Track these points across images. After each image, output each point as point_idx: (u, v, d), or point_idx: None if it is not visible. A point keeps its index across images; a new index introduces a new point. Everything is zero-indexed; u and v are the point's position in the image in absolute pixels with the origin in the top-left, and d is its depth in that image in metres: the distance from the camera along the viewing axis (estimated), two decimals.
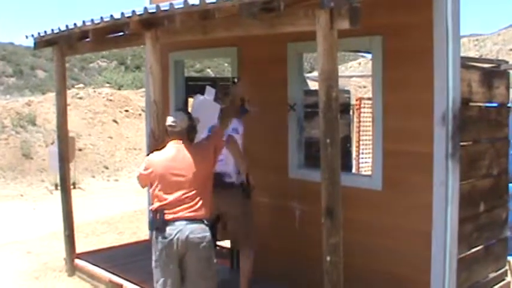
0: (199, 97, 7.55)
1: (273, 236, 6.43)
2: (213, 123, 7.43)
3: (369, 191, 5.63)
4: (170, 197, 4.80)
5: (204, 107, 7.38)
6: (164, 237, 4.73)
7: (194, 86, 8.36)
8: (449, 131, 5.05)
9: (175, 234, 4.71)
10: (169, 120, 5.09)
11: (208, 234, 4.83)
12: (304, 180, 6.02)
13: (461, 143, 5.29)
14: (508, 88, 6.46)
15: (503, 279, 6.46)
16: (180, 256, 4.77)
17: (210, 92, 7.47)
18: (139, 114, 19.58)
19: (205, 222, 4.85)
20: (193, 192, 4.81)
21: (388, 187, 5.51)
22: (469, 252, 5.69)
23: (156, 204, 4.85)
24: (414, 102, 5.30)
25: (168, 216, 4.76)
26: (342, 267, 3.98)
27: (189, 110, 7.96)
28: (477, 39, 35.42)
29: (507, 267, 6.58)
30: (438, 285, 5.21)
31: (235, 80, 6.37)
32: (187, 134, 5.07)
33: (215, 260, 5.07)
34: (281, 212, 6.45)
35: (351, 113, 9.97)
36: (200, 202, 4.82)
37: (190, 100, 7.95)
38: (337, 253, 3.93)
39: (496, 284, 6.29)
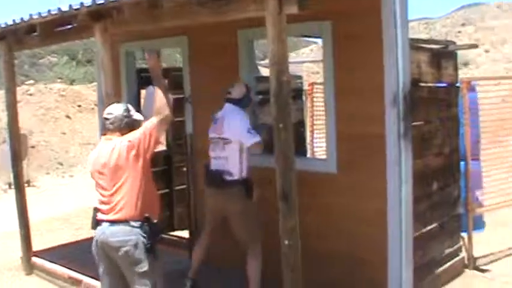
0: (151, 88, 7.52)
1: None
2: None
3: (324, 175, 5.69)
4: (99, 197, 4.57)
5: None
6: (95, 237, 4.55)
7: (146, 78, 8.27)
8: (400, 112, 5.13)
9: (100, 236, 4.47)
10: (104, 112, 4.73)
11: (133, 237, 4.36)
12: (259, 166, 6.05)
13: (413, 123, 5.39)
14: (456, 68, 6.60)
15: (458, 255, 6.64)
16: (111, 257, 4.49)
17: None
18: (92, 109, 19.34)
19: (133, 223, 4.39)
20: (117, 192, 4.43)
21: (343, 170, 5.58)
22: (424, 230, 5.83)
23: (95, 203, 4.66)
24: (365, 85, 5.37)
25: (98, 216, 4.54)
26: (299, 250, 4.02)
27: (142, 101, 8.00)
28: (427, 23, 36.02)
29: (461, 243, 6.74)
30: (395, 263, 5.31)
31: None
32: (120, 130, 4.60)
33: (147, 265, 4.42)
34: None
35: (304, 98, 10.01)
36: (123, 203, 4.40)
37: (143, 92, 7.91)
38: (294, 236, 3.96)
39: (452, 259, 6.47)
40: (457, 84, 6.70)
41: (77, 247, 8.01)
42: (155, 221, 4.55)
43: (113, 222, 4.41)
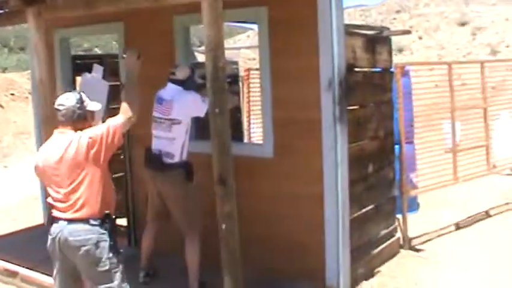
0: (87, 75, 7.42)
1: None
2: (101, 101, 7.34)
3: (261, 159, 5.73)
4: (53, 194, 4.29)
5: (92, 85, 7.25)
6: (50, 235, 4.27)
7: (82, 64, 8.17)
8: (335, 97, 5.22)
9: (57, 234, 4.20)
10: (56, 102, 4.42)
11: (93, 236, 4.17)
12: (196, 152, 6.04)
13: (348, 108, 5.49)
14: (390, 54, 6.73)
15: (394, 236, 6.80)
16: (67, 256, 4.27)
17: (98, 70, 7.35)
18: (26, 97, 18.92)
19: (92, 221, 4.18)
20: (74, 190, 4.19)
21: (279, 154, 5.62)
22: (360, 212, 5.95)
23: (49, 199, 4.41)
24: (301, 70, 5.42)
25: (53, 213, 4.27)
26: (237, 233, 4.06)
27: (77, 88, 7.88)
28: (363, 10, 36.52)
29: (396, 224, 6.90)
30: (332, 245, 5.41)
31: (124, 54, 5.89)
32: (73, 122, 4.31)
33: (108, 264, 4.23)
34: None
35: (240, 84, 10.03)
36: (82, 201, 4.18)
37: (79, 79, 7.79)
38: (232, 220, 3.99)
39: (388, 240, 6.63)
40: (392, 70, 6.83)
41: (13, 239, 7.86)
42: (114, 216, 4.38)
43: (71, 220, 4.17)
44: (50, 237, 4.28)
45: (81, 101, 4.35)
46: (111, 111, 7.46)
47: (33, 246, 6.90)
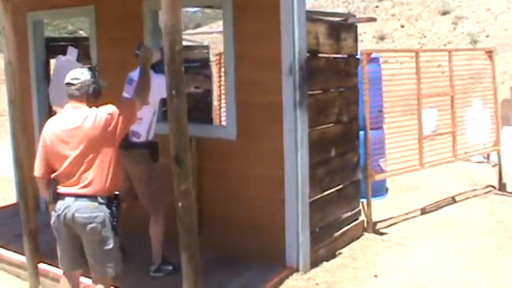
0: (62, 58, 7.49)
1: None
2: None
3: (224, 141, 5.85)
4: (60, 169, 4.22)
5: (67, 68, 7.30)
6: (55, 211, 4.25)
7: (56, 47, 8.23)
8: (296, 81, 5.35)
9: (63, 210, 4.19)
10: (68, 78, 4.34)
11: (100, 213, 4.17)
12: (163, 134, 6.13)
13: (310, 92, 5.62)
14: (356, 40, 6.82)
15: (357, 219, 6.94)
16: (73, 232, 4.26)
17: (72, 52, 7.42)
18: (4, 80, 18.83)
19: (100, 199, 4.19)
20: (85, 165, 4.17)
21: (242, 136, 5.75)
22: (322, 195, 6.07)
23: (54, 174, 4.31)
24: (263, 55, 5.54)
25: (59, 189, 4.23)
26: (194, 211, 4.16)
27: (51, 71, 7.95)
28: None
29: (360, 207, 7.05)
30: (292, 227, 5.57)
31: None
32: (87, 97, 4.30)
33: (112, 243, 4.27)
34: None
35: (212, 68, 10.13)
36: (92, 177, 4.18)
37: (53, 61, 7.86)
38: (188, 198, 4.09)
39: (351, 223, 6.76)
40: (357, 56, 6.94)
41: None
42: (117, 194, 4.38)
43: (79, 196, 4.17)
44: (54, 214, 4.27)
45: (94, 75, 4.40)
46: None
47: (6, 225, 7.05)
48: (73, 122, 4.20)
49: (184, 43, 10.16)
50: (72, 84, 4.28)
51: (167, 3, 4.05)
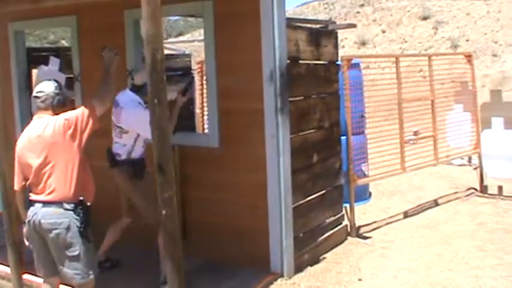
0: (44, 68, 7.47)
1: (107, 197, 6.32)
2: None
3: (207, 149, 5.89)
4: (30, 177, 4.34)
5: (49, 78, 7.31)
6: (27, 217, 4.37)
7: (38, 57, 8.22)
8: (277, 88, 5.41)
9: (32, 217, 4.30)
10: (34, 91, 4.52)
11: (65, 219, 4.23)
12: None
13: (291, 99, 5.67)
14: (336, 46, 6.89)
15: (341, 223, 6.99)
16: (43, 238, 4.33)
17: (54, 62, 7.41)
18: None
19: (66, 205, 4.24)
20: (48, 172, 4.27)
21: (224, 144, 5.79)
22: (305, 200, 6.12)
23: (27, 183, 4.44)
24: (245, 62, 5.60)
25: (31, 197, 4.36)
26: (176, 218, 4.19)
27: (33, 81, 7.93)
28: (327, 3, 36.81)
29: (343, 212, 7.10)
30: (276, 232, 5.61)
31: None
32: (53, 108, 4.43)
33: (78, 249, 4.29)
34: None
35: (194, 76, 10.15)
36: (55, 184, 4.25)
37: (35, 71, 7.84)
38: (172, 206, 4.10)
39: (334, 227, 6.81)
40: (337, 62, 7.00)
41: None
42: (89, 203, 4.37)
43: (45, 203, 4.26)
44: (26, 220, 4.38)
45: (59, 87, 4.51)
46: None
47: None
48: (36, 131, 4.33)
49: (167, 52, 10.22)
50: (38, 97, 4.44)
51: (148, 12, 4.07)
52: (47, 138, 4.28)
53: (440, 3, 29.91)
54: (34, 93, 4.49)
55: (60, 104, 4.47)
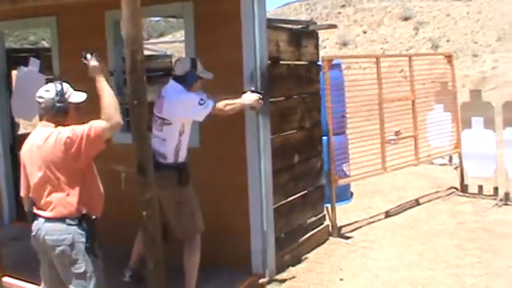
0: (24, 69, 7.44)
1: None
2: None
3: (188, 149, 5.84)
4: (33, 190, 4.09)
5: (29, 79, 7.28)
6: (32, 231, 4.09)
7: (18, 58, 8.17)
8: (258, 88, 5.40)
9: (36, 232, 4.03)
10: (36, 94, 4.11)
11: (68, 236, 3.94)
12: (128, 143, 6.12)
13: (272, 99, 5.69)
14: (317, 47, 6.91)
15: (322, 223, 7.01)
16: (48, 254, 4.07)
17: (34, 63, 7.39)
18: None
19: (69, 221, 3.95)
20: (48, 189, 3.99)
21: (205, 144, 5.78)
22: (286, 201, 6.14)
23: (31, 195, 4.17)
24: (226, 63, 5.58)
25: (35, 210, 4.08)
26: (157, 219, 4.17)
27: (13, 83, 7.89)
28: (308, 4, 36.94)
29: (325, 212, 7.12)
30: (257, 233, 5.62)
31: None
32: (52, 116, 4.06)
33: (83, 266, 4.00)
34: (107, 176, 6.43)
35: None
36: (56, 201, 3.97)
37: (15, 72, 7.79)
38: (152, 207, 4.09)
39: (316, 227, 6.84)
40: (318, 63, 7.03)
41: None
42: (94, 217, 4.06)
43: (49, 219, 3.98)
44: (32, 234, 4.09)
45: (61, 92, 4.08)
46: None
47: None
48: (38, 141, 4.02)
49: (148, 52, 10.19)
50: (38, 102, 4.09)
51: (128, 13, 4.06)
52: (47, 153, 3.95)
53: (421, 4, 30.12)
54: (36, 97, 4.10)
55: (61, 112, 4.06)
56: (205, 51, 5.69)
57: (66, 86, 4.15)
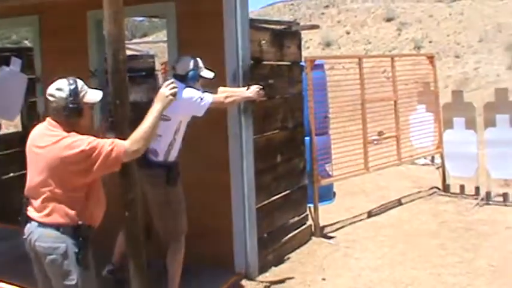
0: (5, 68, 7.40)
1: None
2: (20, 95, 7.29)
3: None
4: (28, 190, 3.79)
5: (10, 78, 7.25)
6: (24, 234, 3.79)
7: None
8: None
9: (29, 235, 3.75)
10: (47, 91, 3.77)
11: (62, 245, 3.65)
12: None
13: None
14: (299, 47, 6.93)
15: (305, 223, 7.03)
16: (39, 259, 3.80)
17: (15, 63, 7.35)
18: None
19: (63, 229, 3.66)
20: (47, 194, 3.66)
21: (188, 144, 5.74)
22: (268, 201, 6.15)
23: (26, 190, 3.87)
24: (208, 63, 5.53)
25: (28, 211, 3.78)
26: (139, 219, 4.16)
27: None
28: (292, 4, 36.98)
29: (307, 212, 7.14)
30: (240, 232, 5.64)
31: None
32: (64, 118, 3.69)
33: (75, 279, 3.71)
34: None
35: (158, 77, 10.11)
36: (53, 207, 3.65)
37: None
38: (134, 207, 4.09)
39: (298, 227, 6.85)
40: (301, 63, 7.04)
41: None
42: (89, 225, 3.79)
43: (42, 224, 3.67)
44: (24, 237, 3.80)
45: (75, 92, 3.71)
46: (28, 105, 7.51)
47: None
48: (43, 140, 3.68)
49: (130, 52, 10.17)
50: (49, 101, 3.74)
51: (110, 13, 4.05)
52: (51, 161, 3.60)
53: (404, 5, 30.23)
54: (47, 93, 3.76)
55: (74, 114, 3.69)
56: (187, 50, 5.65)
57: (80, 83, 3.79)
